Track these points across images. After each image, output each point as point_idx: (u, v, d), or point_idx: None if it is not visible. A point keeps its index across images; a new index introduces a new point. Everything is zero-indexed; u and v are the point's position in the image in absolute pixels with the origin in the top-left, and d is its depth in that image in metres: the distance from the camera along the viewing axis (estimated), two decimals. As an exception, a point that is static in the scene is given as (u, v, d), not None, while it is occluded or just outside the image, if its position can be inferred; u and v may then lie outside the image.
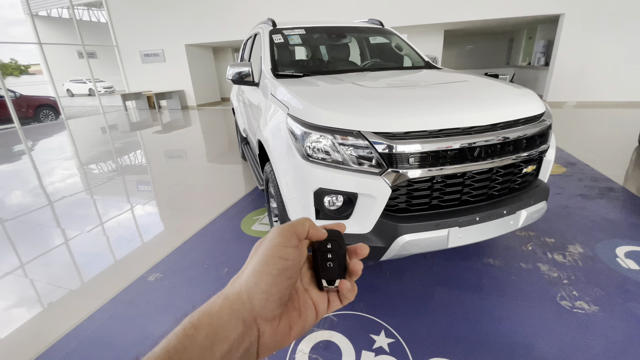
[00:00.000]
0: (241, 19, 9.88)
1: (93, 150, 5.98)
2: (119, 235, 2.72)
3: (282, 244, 0.32)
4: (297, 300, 0.34)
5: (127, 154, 5.57)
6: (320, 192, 1.42)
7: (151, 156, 5.32)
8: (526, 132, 1.49)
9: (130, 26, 11.28)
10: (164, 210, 3.16)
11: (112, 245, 2.59)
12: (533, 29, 10.95)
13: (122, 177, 4.30)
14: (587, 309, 1.69)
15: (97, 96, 11.37)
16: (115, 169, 4.74)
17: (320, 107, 1.46)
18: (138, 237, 2.67)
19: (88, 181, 4.20)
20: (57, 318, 1.82)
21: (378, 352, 1.49)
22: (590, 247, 2.22)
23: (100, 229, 2.85)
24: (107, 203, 3.44)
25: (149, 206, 3.30)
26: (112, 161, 5.17)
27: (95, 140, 7.09)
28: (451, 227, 1.40)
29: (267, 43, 2.47)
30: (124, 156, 5.45)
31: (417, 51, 2.79)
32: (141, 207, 3.29)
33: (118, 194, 3.70)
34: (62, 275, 2.22)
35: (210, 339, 0.28)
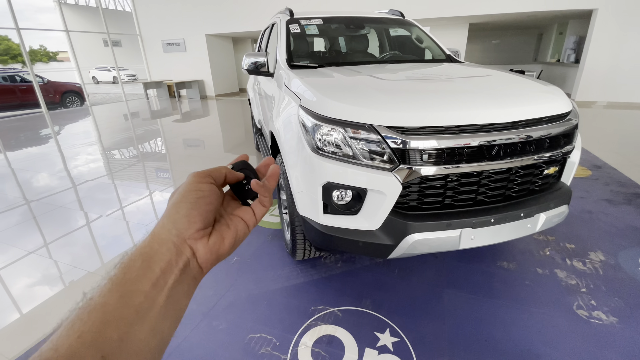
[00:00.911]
0: (261, 9, 9.85)
1: (116, 137, 6.15)
2: (137, 220, 2.78)
3: (197, 181, 0.36)
4: (225, 219, 0.39)
5: (147, 141, 5.70)
6: (329, 187, 1.39)
7: (170, 144, 5.42)
8: (550, 131, 1.41)
9: (153, 15, 11.45)
10: (178, 198, 3.21)
11: (130, 229, 2.66)
12: (564, 24, 10.41)
13: (143, 164, 4.40)
14: (605, 319, 1.61)
15: (120, 84, 11.66)
16: (136, 155, 4.86)
17: (332, 99, 1.43)
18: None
19: (110, 166, 4.33)
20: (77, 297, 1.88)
21: (382, 350, 1.47)
22: (613, 255, 2.11)
23: (119, 213, 2.93)
24: (127, 188, 3.53)
25: (167, 193, 3.36)
26: (134, 147, 5.30)
27: (117, 126, 7.29)
28: (464, 228, 1.35)
29: (283, 33, 2.44)
30: (144, 143, 5.58)
31: (438, 44, 2.69)
32: (160, 193, 3.37)
33: (138, 180, 3.80)
34: (83, 257, 2.30)
35: (147, 263, 0.30)
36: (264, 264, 2.11)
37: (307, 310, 1.71)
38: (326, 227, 1.47)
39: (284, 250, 2.24)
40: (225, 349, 1.50)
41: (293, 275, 1.98)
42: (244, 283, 1.94)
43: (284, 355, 1.45)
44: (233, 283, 1.94)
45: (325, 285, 1.89)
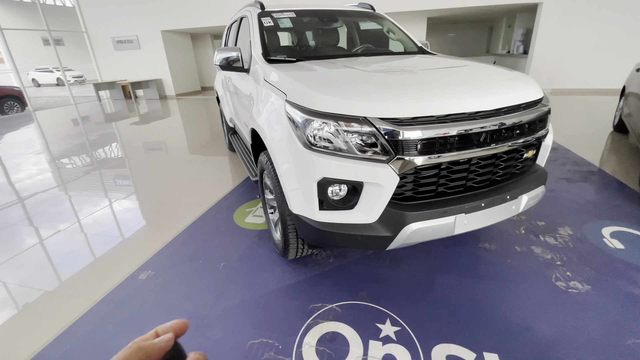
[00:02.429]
0: (221, 3, 9.48)
1: (65, 144, 5.64)
2: (101, 233, 2.57)
3: None
4: None
5: (103, 147, 5.28)
6: (325, 182, 1.37)
7: (130, 148, 5.07)
8: (529, 116, 1.49)
9: (100, 11, 10.60)
10: (149, 205, 3.01)
11: (94, 243, 2.44)
12: (512, 17, 11.12)
13: (100, 172, 4.08)
14: (580, 288, 1.75)
15: (67, 86, 10.70)
16: (92, 162, 4.49)
17: (323, 93, 1.40)
18: (123, 234, 2.54)
19: (62, 176, 3.96)
20: (41, 324, 1.70)
21: (385, 340, 1.48)
22: (578, 229, 2.30)
23: (78, 226, 2.69)
24: (84, 199, 3.25)
25: (132, 201, 3.14)
26: (87, 155, 4.89)
27: (66, 132, 6.68)
28: (458, 214, 1.39)
29: (256, 27, 2.36)
30: (100, 149, 5.17)
31: (410, 37, 2.75)
32: (123, 202, 3.13)
33: (96, 189, 3.51)
34: (41, 277, 2.08)
35: None
36: (253, 266, 2.04)
37: (305, 309, 1.68)
38: (323, 223, 1.45)
39: (273, 250, 2.19)
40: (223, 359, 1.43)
41: (286, 276, 1.94)
42: (235, 289, 1.86)
43: (288, 358, 1.42)
44: (223, 290, 1.85)
45: (319, 282, 1.87)
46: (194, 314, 1.69)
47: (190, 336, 1.55)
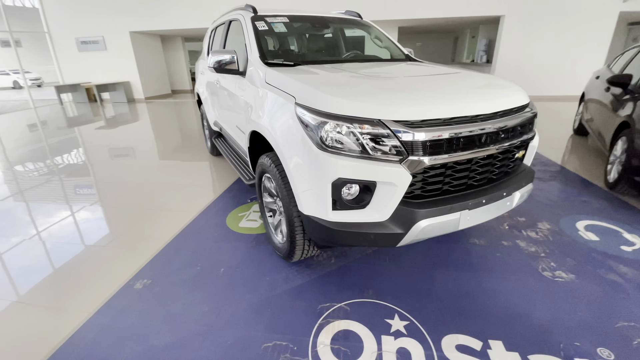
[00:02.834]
0: (193, 5, 9.29)
1: (20, 150, 5.22)
2: (84, 242, 2.42)
3: None
4: None
5: (64, 154, 4.95)
6: (339, 183, 1.40)
7: (102, 154, 4.80)
8: (520, 119, 1.62)
9: (64, 11, 9.98)
10: (132, 212, 2.88)
11: (77, 254, 2.29)
12: (475, 28, 11.85)
13: (74, 179, 3.83)
14: (565, 277, 1.91)
15: (27, 89, 9.92)
16: (50, 171, 4.20)
17: (336, 96, 1.44)
18: (110, 243, 2.40)
19: (19, 185, 3.67)
20: (33, 342, 1.57)
21: (397, 335, 1.53)
22: (555, 223, 2.50)
23: (57, 236, 2.52)
24: (56, 206, 3.04)
25: (113, 208, 2.98)
26: (46, 162, 4.57)
27: (23, 139, 6.19)
28: (462, 210, 1.48)
29: (251, 30, 2.36)
30: (60, 156, 4.84)
31: (397, 44, 2.87)
32: (104, 209, 2.97)
33: (70, 197, 3.29)
34: (22, 291, 1.92)
35: None
36: (255, 270, 2.02)
37: (315, 309, 1.69)
38: (335, 223, 1.48)
39: (273, 254, 2.18)
40: (240, 364, 1.41)
41: (290, 278, 1.94)
42: (239, 293, 1.83)
43: (305, 359, 1.42)
44: (228, 295, 1.82)
45: (325, 282, 1.89)
46: (200, 320, 1.64)
47: (200, 343, 1.51)
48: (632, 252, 2.13)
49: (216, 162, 4.19)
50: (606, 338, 1.49)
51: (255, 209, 2.82)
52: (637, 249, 2.16)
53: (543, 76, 8.62)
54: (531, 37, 8.36)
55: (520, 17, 8.24)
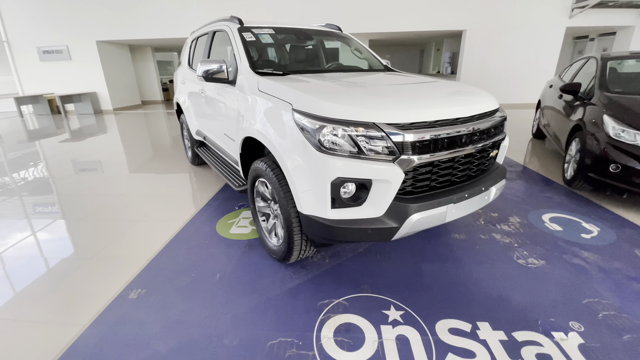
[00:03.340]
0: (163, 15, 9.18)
1: None
2: (69, 256, 2.33)
3: None
4: None
5: (22, 170, 4.70)
6: (338, 182, 1.50)
7: (57, 170, 4.58)
8: (493, 122, 1.81)
9: (24, 18, 9.48)
10: (116, 224, 2.80)
11: (59, 266, 2.20)
12: (440, 42, 12.63)
13: (20, 198, 3.64)
14: (537, 263, 2.11)
15: (-24, 100, 9.24)
16: (30, 182, 3.97)
17: (334, 102, 1.55)
18: (96, 255, 2.33)
19: None
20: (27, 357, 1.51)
21: (394, 324, 1.63)
22: (524, 217, 2.74)
23: (38, 250, 2.40)
24: (33, 219, 2.89)
25: (95, 221, 2.87)
26: (18, 175, 4.31)
27: None
28: (448, 204, 1.63)
29: (239, 41, 2.43)
30: (18, 172, 4.59)
31: (376, 56, 3.05)
32: (84, 221, 2.86)
33: (45, 209, 3.14)
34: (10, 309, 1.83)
35: None
36: (251, 274, 2.06)
37: (315, 306, 1.76)
38: (334, 220, 1.57)
39: (267, 258, 2.22)
40: (247, 361, 1.44)
41: (287, 279, 1.99)
42: (238, 296, 1.86)
43: (311, 352, 1.48)
44: (227, 299, 1.84)
45: (321, 281, 1.97)
46: (202, 325, 1.65)
47: (206, 345, 1.52)
48: (591, 239, 2.39)
49: (198, 172, 4.16)
50: (576, 313, 1.69)
51: (244, 216, 2.85)
52: (595, 236, 2.43)
53: (502, 85, 9.33)
54: (490, 50, 9.05)
55: (480, 31, 8.91)
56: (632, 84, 3.50)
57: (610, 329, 1.59)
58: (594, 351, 1.47)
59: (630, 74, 3.73)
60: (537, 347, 1.50)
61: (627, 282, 1.93)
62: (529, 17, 8.79)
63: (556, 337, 1.55)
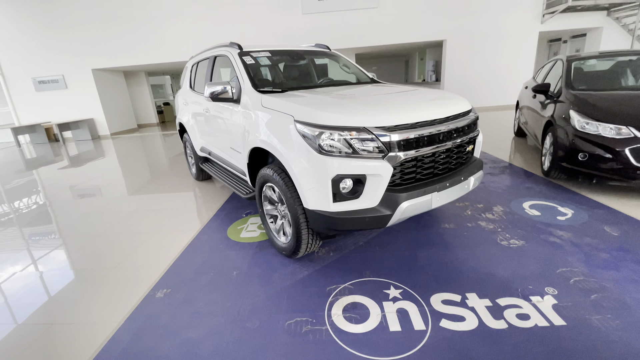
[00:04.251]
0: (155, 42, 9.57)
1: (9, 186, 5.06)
2: (93, 267, 2.53)
3: None
4: None
5: (20, 199, 4.89)
6: (338, 179, 1.77)
7: (55, 197, 4.79)
8: (467, 121, 2.11)
9: (18, 50, 9.79)
10: (134, 236, 3.01)
11: (91, 274, 2.41)
12: (423, 52, 13.20)
13: (19, 228, 3.84)
14: (518, 244, 2.38)
15: (-24, 132, 9.41)
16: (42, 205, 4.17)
17: (330, 112, 1.83)
18: (119, 265, 2.54)
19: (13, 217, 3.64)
20: (70, 350, 1.71)
21: (394, 300, 1.87)
22: (507, 206, 3.02)
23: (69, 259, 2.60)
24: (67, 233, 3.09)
25: (113, 235, 3.08)
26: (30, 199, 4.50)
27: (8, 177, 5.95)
28: (433, 192, 1.90)
29: (240, 64, 2.73)
30: (16, 202, 4.78)
31: (363, 70, 3.38)
32: (102, 237, 3.06)
33: (62, 229, 3.33)
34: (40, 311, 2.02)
35: None
36: (264, 270, 2.28)
37: (324, 291, 1.99)
38: (336, 212, 1.83)
39: (278, 255, 2.45)
40: (270, 338, 1.66)
41: (297, 271, 2.23)
42: (256, 287, 2.09)
43: (324, 327, 1.71)
44: (245, 291, 2.07)
45: (328, 271, 2.20)
46: (226, 313, 1.87)
47: (231, 329, 1.74)
48: (565, 220, 2.67)
49: (203, 187, 4.39)
50: (551, 280, 1.95)
51: (252, 222, 3.08)
52: (569, 217, 2.71)
53: (484, 89, 9.81)
54: (470, 57, 9.56)
55: (459, 40, 9.44)
56: (594, 82, 3.87)
57: (580, 291, 1.85)
58: (566, 309, 1.72)
59: (592, 73, 4.12)
60: (517, 309, 1.75)
61: (595, 253, 2.20)
62: (504, 25, 9.35)
63: (533, 300, 1.80)
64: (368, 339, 1.62)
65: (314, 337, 1.65)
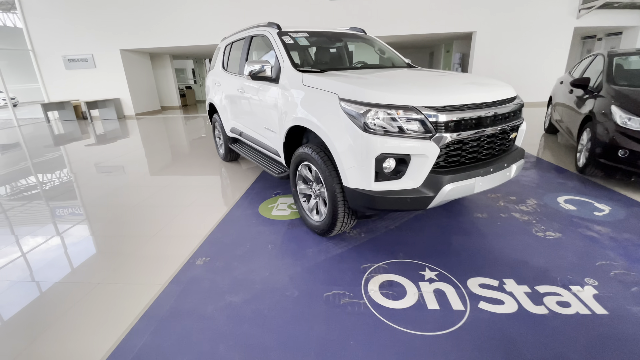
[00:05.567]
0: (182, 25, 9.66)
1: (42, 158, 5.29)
2: (135, 234, 2.65)
3: None
4: None
5: (48, 173, 5.09)
6: (382, 157, 1.78)
7: (82, 174, 4.96)
8: (513, 107, 2.08)
9: (50, 28, 10.07)
10: (169, 209, 3.11)
11: (133, 239, 2.51)
12: (450, 44, 12.86)
13: (46, 202, 4.00)
14: (554, 235, 2.35)
15: (10, 107, 9.80)
16: (34, 191, 4.35)
17: (378, 90, 1.84)
18: (158, 234, 2.64)
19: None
20: (115, 311, 1.81)
21: (431, 281, 1.89)
22: (540, 199, 2.97)
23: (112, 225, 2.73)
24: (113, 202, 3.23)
25: (149, 206, 3.20)
26: (28, 182, 4.70)
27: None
28: (476, 177, 1.89)
29: (280, 44, 2.74)
30: (45, 174, 4.98)
31: (399, 54, 3.34)
32: (141, 207, 3.18)
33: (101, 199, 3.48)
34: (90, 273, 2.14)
35: None
36: (298, 245, 2.34)
37: (358, 268, 2.03)
38: (378, 192, 1.84)
39: (309, 233, 2.50)
40: (309, 307, 1.72)
41: (331, 248, 2.27)
42: (291, 261, 2.14)
43: (361, 301, 1.75)
44: (282, 263, 2.13)
45: (360, 250, 2.24)
46: (264, 281, 1.94)
47: (271, 296, 1.80)
48: (603, 216, 2.62)
49: (230, 167, 4.48)
50: (590, 272, 1.92)
51: (282, 201, 3.14)
52: (606, 214, 2.65)
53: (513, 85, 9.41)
54: (500, 51, 9.27)
55: (490, 33, 9.15)
56: (636, 78, 3.71)
57: (620, 283, 1.82)
58: (607, 300, 1.71)
59: (634, 69, 3.95)
60: (557, 297, 1.74)
61: (635, 248, 2.15)
62: (538, 18, 9.00)
63: (573, 289, 1.79)
64: (406, 314, 1.65)
65: (352, 309, 1.69)
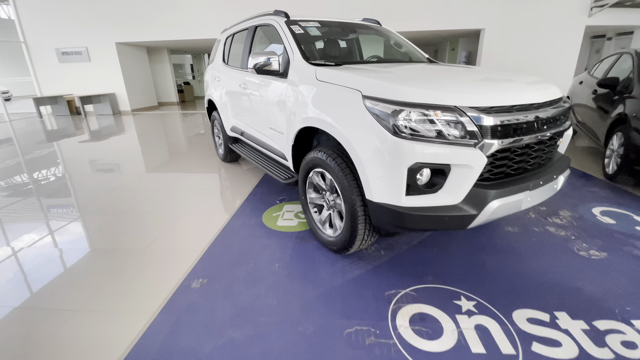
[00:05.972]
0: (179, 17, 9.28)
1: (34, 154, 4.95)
2: (122, 248, 2.34)
3: None
4: None
5: (39, 170, 4.75)
6: (416, 167, 1.48)
7: (75, 171, 4.64)
8: (563, 109, 1.78)
9: (43, 20, 9.65)
10: (163, 216, 2.80)
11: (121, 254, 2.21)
12: (455, 42, 12.55)
13: (38, 199, 3.68)
14: (599, 255, 2.07)
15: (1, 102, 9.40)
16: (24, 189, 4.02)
17: (412, 87, 1.53)
18: (149, 247, 2.34)
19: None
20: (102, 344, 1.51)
21: (469, 313, 1.60)
22: (574, 211, 2.69)
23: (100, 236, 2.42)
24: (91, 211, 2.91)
25: (140, 213, 2.88)
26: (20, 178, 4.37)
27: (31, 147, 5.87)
28: (525, 191, 1.60)
29: (289, 34, 2.43)
30: (35, 173, 4.65)
31: (417, 48, 3.04)
32: (131, 214, 2.86)
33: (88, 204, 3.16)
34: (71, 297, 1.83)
35: None
36: (309, 264, 2.04)
37: (382, 296, 1.74)
38: (409, 208, 1.54)
39: (321, 249, 2.20)
40: (328, 349, 1.42)
41: (347, 269, 1.97)
42: (302, 285, 1.85)
43: (391, 341, 1.46)
44: (291, 288, 1.83)
45: (381, 271, 1.94)
46: (272, 312, 1.64)
47: (281, 333, 1.51)
48: (649, 232, 2.34)
49: (230, 168, 4.17)
50: (655, 304, 1.64)
51: (288, 209, 2.84)
52: (652, 229, 2.38)
53: (521, 84, 9.21)
54: (509, 49, 8.97)
55: (499, 30, 8.85)
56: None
57: (694, 320, 1.54)
58: (683, 341, 1.43)
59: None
60: (620, 335, 1.46)
61: (699, 274, 1.87)
62: (549, 16, 8.70)
63: (636, 325, 1.51)
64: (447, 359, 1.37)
65: (381, 353, 1.40)
